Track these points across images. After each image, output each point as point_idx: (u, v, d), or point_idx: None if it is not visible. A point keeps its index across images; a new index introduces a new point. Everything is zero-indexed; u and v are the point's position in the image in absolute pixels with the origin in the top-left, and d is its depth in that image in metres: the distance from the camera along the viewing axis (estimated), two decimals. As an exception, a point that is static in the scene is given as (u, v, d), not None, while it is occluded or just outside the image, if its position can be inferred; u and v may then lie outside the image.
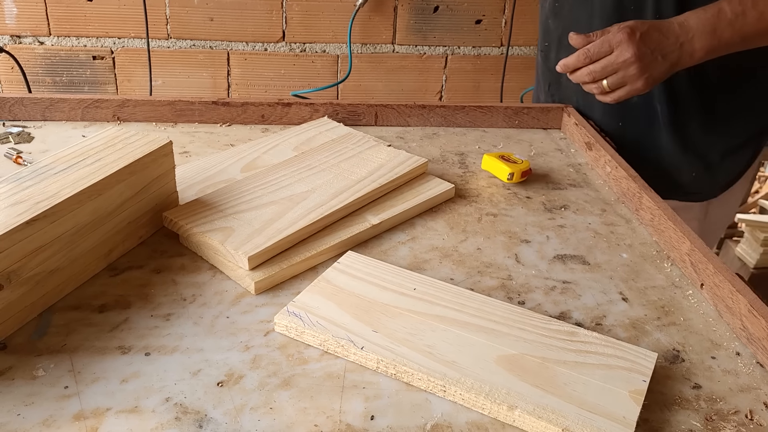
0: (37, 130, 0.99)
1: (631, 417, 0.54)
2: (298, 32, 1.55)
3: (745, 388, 0.61)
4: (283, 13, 1.52)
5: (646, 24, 0.89)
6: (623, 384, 0.57)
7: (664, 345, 0.65)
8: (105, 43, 1.51)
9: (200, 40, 1.53)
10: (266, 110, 1.07)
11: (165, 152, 0.74)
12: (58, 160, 0.69)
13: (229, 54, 1.56)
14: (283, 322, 0.62)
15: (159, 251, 0.74)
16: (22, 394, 0.54)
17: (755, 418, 0.58)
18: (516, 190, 0.93)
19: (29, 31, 1.48)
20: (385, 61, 1.61)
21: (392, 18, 1.57)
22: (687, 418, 0.57)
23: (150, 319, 0.63)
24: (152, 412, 0.53)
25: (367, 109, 1.09)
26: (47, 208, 0.61)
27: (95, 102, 1.02)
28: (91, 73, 1.54)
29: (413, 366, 0.58)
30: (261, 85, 1.60)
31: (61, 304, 0.65)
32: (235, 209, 0.76)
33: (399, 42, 1.60)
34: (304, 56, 1.58)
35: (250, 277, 0.68)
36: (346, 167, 0.87)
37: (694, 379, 0.61)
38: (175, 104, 1.05)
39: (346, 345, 0.60)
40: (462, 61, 1.66)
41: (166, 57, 1.54)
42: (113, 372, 0.57)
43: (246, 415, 0.54)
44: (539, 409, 0.54)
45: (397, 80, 1.64)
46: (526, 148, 1.07)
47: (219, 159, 0.90)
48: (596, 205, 0.91)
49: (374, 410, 0.55)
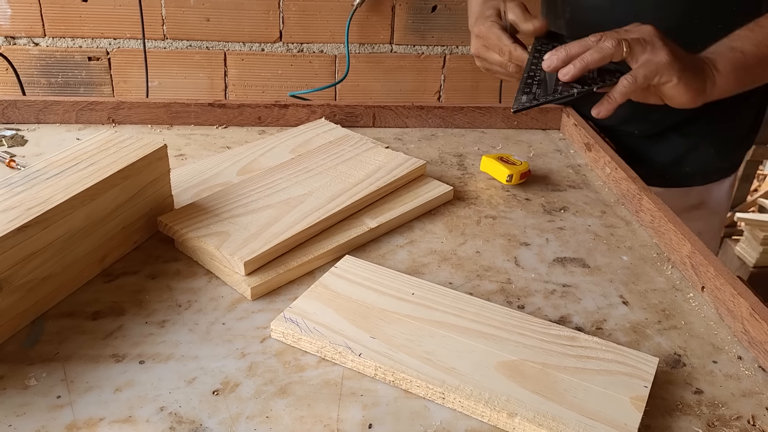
0: (30, 133, 0.98)
1: (633, 424, 0.53)
2: (296, 32, 1.54)
3: (748, 392, 0.60)
4: (280, 13, 1.51)
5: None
6: (624, 390, 0.57)
7: (665, 349, 0.64)
8: (100, 44, 1.50)
9: (197, 40, 1.52)
10: (263, 112, 1.06)
11: (159, 156, 0.73)
12: (51, 165, 0.68)
13: (225, 55, 1.55)
14: (280, 328, 0.62)
15: (154, 256, 0.73)
16: (14, 404, 0.53)
17: (758, 423, 0.57)
18: (515, 192, 0.92)
19: (24, 32, 1.47)
20: (383, 61, 1.61)
21: (390, 18, 1.56)
22: (689, 424, 0.56)
23: (144, 326, 0.63)
24: (146, 422, 0.53)
25: (364, 110, 1.08)
26: (39, 214, 0.60)
27: (90, 104, 1.01)
28: (86, 75, 1.53)
29: (412, 373, 0.57)
30: (258, 86, 1.59)
31: (53, 312, 0.64)
32: (231, 213, 0.75)
33: (397, 42, 1.59)
34: (301, 56, 1.57)
35: (246, 283, 0.67)
36: (344, 170, 0.86)
37: (695, 384, 0.61)
38: (170, 106, 1.04)
39: (344, 351, 0.59)
40: (460, 60, 1.65)
41: (163, 58, 1.53)
42: (107, 381, 0.56)
43: (242, 424, 0.53)
44: (539, 417, 0.53)
45: (395, 80, 1.63)
46: (525, 149, 1.07)
47: (215, 162, 0.89)
48: (596, 207, 0.90)
49: (372, 418, 0.54)
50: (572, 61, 0.80)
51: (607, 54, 0.78)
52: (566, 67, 0.80)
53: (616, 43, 0.76)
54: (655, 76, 0.78)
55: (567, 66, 0.80)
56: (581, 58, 0.79)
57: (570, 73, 0.80)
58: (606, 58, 0.78)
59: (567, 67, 0.80)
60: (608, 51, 0.77)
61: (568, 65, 0.80)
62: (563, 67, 0.81)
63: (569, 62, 0.80)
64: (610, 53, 0.77)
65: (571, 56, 0.80)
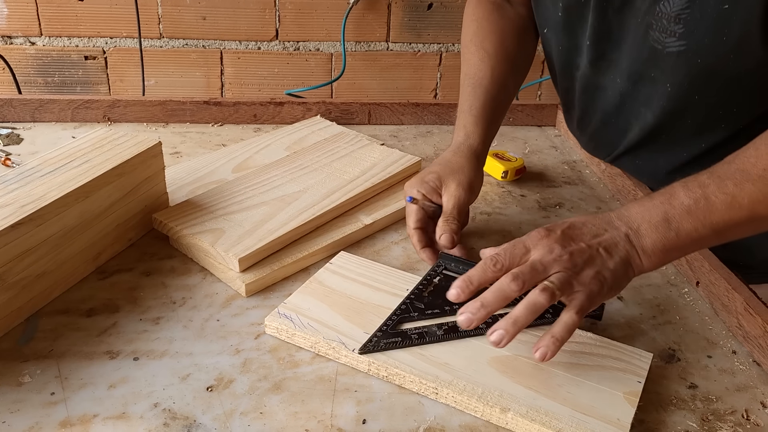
0: (26, 132, 0.98)
1: (626, 419, 0.53)
2: (292, 31, 1.54)
3: (742, 387, 0.60)
4: (276, 11, 1.51)
5: (566, 220, 0.62)
6: (618, 385, 0.57)
7: (659, 344, 0.64)
8: (97, 42, 1.50)
9: (193, 39, 1.52)
10: (258, 110, 1.06)
11: (154, 153, 0.73)
12: (45, 163, 0.68)
13: (222, 53, 1.55)
14: (274, 324, 0.62)
15: (148, 254, 0.73)
16: (8, 400, 0.53)
17: (752, 417, 0.57)
18: (510, 189, 0.92)
19: (20, 32, 1.46)
20: (380, 59, 1.60)
21: (386, 16, 1.56)
22: (683, 419, 0.56)
23: (139, 323, 0.63)
24: (140, 418, 0.53)
25: (360, 107, 1.08)
26: (33, 211, 0.60)
27: (85, 103, 1.01)
28: (83, 74, 1.53)
29: (405, 368, 0.57)
30: (255, 84, 1.59)
31: (48, 309, 0.64)
32: (226, 210, 0.75)
33: (393, 40, 1.59)
34: (297, 55, 1.57)
35: (240, 279, 0.67)
36: (339, 167, 0.86)
37: (690, 379, 0.61)
38: (166, 104, 1.04)
39: (338, 347, 0.59)
40: (456, 58, 1.65)
41: (159, 56, 1.53)
42: (101, 377, 0.56)
43: (236, 420, 0.53)
44: (532, 412, 0.54)
45: (391, 78, 1.63)
46: (520, 145, 1.07)
47: (210, 159, 0.89)
48: (591, 203, 0.90)
49: (366, 414, 0.54)
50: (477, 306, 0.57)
51: (540, 309, 0.57)
52: (466, 316, 0.57)
53: (549, 296, 0.56)
54: (590, 307, 0.58)
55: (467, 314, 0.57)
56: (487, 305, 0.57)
57: (471, 325, 0.57)
58: (537, 313, 0.57)
59: (466, 317, 0.57)
60: (540, 306, 0.57)
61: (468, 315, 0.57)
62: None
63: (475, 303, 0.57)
64: (541, 307, 0.57)
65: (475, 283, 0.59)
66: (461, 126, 0.82)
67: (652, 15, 0.73)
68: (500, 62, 0.86)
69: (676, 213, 0.59)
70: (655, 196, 0.62)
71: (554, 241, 0.59)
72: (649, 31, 0.74)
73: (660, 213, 0.60)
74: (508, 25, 0.89)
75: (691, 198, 0.59)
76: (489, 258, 0.59)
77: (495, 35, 0.87)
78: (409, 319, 0.62)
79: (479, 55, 0.86)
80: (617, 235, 0.60)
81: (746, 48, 0.69)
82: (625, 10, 0.76)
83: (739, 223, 0.59)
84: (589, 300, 0.57)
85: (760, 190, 0.58)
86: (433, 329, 0.61)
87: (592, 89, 0.87)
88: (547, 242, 0.59)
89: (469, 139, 0.81)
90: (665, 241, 0.59)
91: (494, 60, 0.85)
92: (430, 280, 0.67)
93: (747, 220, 0.59)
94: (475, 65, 0.86)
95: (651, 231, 0.60)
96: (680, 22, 0.71)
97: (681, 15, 0.71)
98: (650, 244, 0.60)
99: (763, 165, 0.58)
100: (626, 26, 0.77)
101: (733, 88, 0.74)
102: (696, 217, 0.59)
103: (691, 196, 0.60)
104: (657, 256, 0.60)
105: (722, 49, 0.70)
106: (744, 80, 0.73)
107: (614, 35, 0.79)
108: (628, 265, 0.60)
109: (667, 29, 0.72)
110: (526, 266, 0.57)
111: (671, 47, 0.73)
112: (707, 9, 0.68)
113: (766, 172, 0.58)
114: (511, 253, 0.59)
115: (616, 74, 0.82)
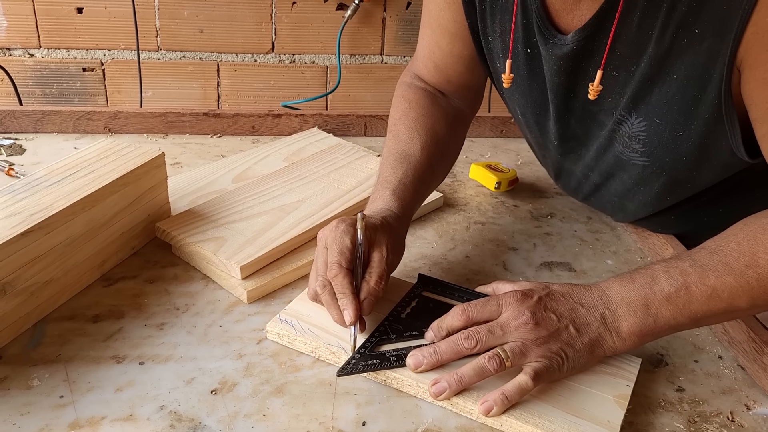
0: (28, 143, 1.00)
1: (616, 421, 0.56)
2: (288, 43, 1.57)
3: (727, 390, 0.62)
4: (273, 24, 1.54)
5: (548, 286, 0.63)
6: (608, 389, 0.59)
7: (648, 349, 0.67)
8: (95, 54, 1.52)
9: (190, 51, 1.54)
10: (257, 121, 1.08)
11: (157, 164, 0.75)
12: (52, 172, 0.70)
13: (219, 65, 1.57)
14: (276, 330, 0.63)
15: (152, 261, 0.75)
16: (18, 403, 0.55)
17: (736, 419, 0.59)
18: (503, 199, 0.95)
19: (19, 44, 1.48)
20: (374, 71, 1.63)
21: (381, 29, 1.59)
22: (671, 421, 0.58)
23: (143, 329, 0.64)
24: (147, 420, 0.54)
25: (356, 119, 1.11)
26: (42, 219, 0.62)
27: (87, 114, 1.03)
28: (81, 85, 1.55)
29: (403, 372, 0.59)
30: (251, 96, 1.61)
31: (55, 315, 0.65)
32: (227, 219, 0.77)
33: (387, 53, 1.62)
34: (293, 67, 1.59)
35: (242, 286, 0.69)
36: (336, 177, 0.88)
37: (677, 383, 0.63)
38: (166, 116, 1.06)
39: (338, 352, 0.61)
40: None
41: (157, 68, 1.55)
42: (108, 381, 0.58)
43: (240, 422, 0.55)
44: (526, 414, 0.56)
45: (386, 90, 1.65)
46: (513, 157, 1.09)
47: (210, 170, 0.91)
48: (582, 213, 0.92)
49: (366, 416, 0.56)
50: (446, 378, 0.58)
51: (487, 374, 0.58)
52: (416, 358, 0.59)
53: (497, 364, 0.57)
54: (547, 378, 0.59)
55: (418, 356, 0.59)
56: (459, 379, 0.58)
57: (419, 368, 0.59)
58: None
59: (416, 359, 0.59)
60: (487, 371, 0.58)
61: (419, 357, 0.59)
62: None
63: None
64: (488, 373, 0.58)
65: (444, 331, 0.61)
66: (381, 198, 0.72)
67: (616, 131, 0.73)
68: (430, 144, 0.79)
69: (656, 299, 0.60)
70: (636, 278, 0.62)
71: (527, 307, 0.59)
72: (613, 143, 0.74)
73: (640, 297, 0.60)
74: (440, 112, 0.83)
75: (673, 286, 0.60)
76: (459, 307, 0.61)
77: (426, 118, 0.81)
78: (388, 341, 0.62)
79: (408, 133, 0.79)
80: (592, 315, 0.60)
81: (706, 165, 0.70)
82: (588, 121, 0.75)
83: (717, 314, 0.60)
84: (548, 371, 0.58)
85: (741, 285, 0.59)
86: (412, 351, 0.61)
87: (567, 174, 0.87)
88: (518, 307, 0.59)
89: (391, 210, 0.71)
90: (642, 326, 0.60)
91: (424, 140, 0.78)
92: (408, 302, 0.68)
93: (725, 311, 0.60)
94: (405, 142, 0.78)
95: (629, 314, 0.60)
96: (640, 142, 0.71)
97: (640, 136, 0.71)
98: (626, 328, 0.60)
99: (745, 261, 0.60)
100: (591, 134, 0.76)
101: (705, 184, 0.75)
102: (676, 306, 0.60)
103: (672, 284, 0.60)
104: (632, 339, 0.60)
105: (684, 165, 0.71)
106: (715, 180, 0.74)
107: (580, 138, 0.78)
108: (597, 346, 0.60)
109: (629, 146, 0.72)
110: (483, 328, 0.59)
111: (636, 161, 0.73)
112: (662, 135, 0.69)
113: (748, 269, 0.59)
114: (482, 307, 0.60)
115: (587, 169, 0.81)
